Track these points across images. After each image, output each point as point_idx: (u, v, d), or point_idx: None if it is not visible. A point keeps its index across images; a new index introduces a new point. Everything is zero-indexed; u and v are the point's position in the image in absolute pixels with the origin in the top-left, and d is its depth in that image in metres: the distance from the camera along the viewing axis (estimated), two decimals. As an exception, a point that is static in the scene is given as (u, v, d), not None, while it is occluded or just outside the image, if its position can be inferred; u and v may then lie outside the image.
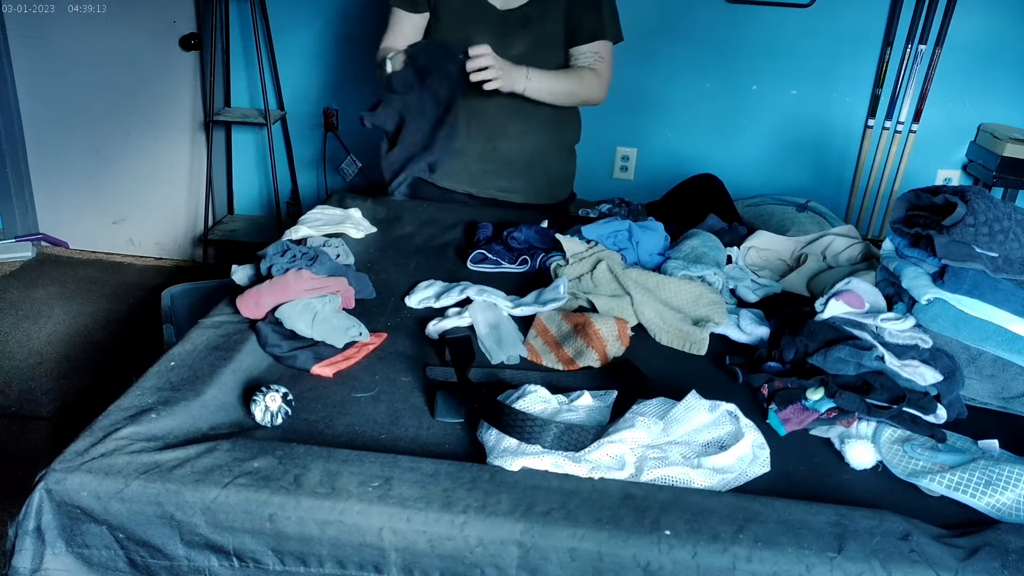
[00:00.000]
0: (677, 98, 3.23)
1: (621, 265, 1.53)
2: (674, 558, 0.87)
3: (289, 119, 3.46)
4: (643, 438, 1.01)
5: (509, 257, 1.67)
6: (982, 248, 1.25)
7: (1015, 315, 1.23)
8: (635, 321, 1.43)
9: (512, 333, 1.34)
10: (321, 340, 1.23)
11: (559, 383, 1.21)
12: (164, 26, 3.22)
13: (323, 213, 1.80)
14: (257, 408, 1.06)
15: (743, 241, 1.74)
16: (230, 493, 0.90)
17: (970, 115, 3.16)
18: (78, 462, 0.92)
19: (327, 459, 0.96)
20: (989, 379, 1.24)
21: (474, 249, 1.68)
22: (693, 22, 3.10)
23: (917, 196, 1.35)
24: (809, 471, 1.07)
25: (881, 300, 1.35)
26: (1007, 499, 0.99)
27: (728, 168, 2.93)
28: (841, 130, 3.23)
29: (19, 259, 3.45)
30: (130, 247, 3.63)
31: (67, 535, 0.92)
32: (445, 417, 1.11)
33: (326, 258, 1.43)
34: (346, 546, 0.89)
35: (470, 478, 0.94)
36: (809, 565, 0.86)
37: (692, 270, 1.51)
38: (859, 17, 3.05)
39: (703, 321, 1.42)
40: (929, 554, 0.88)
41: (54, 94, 3.36)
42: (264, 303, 1.29)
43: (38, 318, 3.00)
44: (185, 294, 2.00)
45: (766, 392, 1.20)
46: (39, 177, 3.52)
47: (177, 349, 1.18)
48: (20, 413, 2.46)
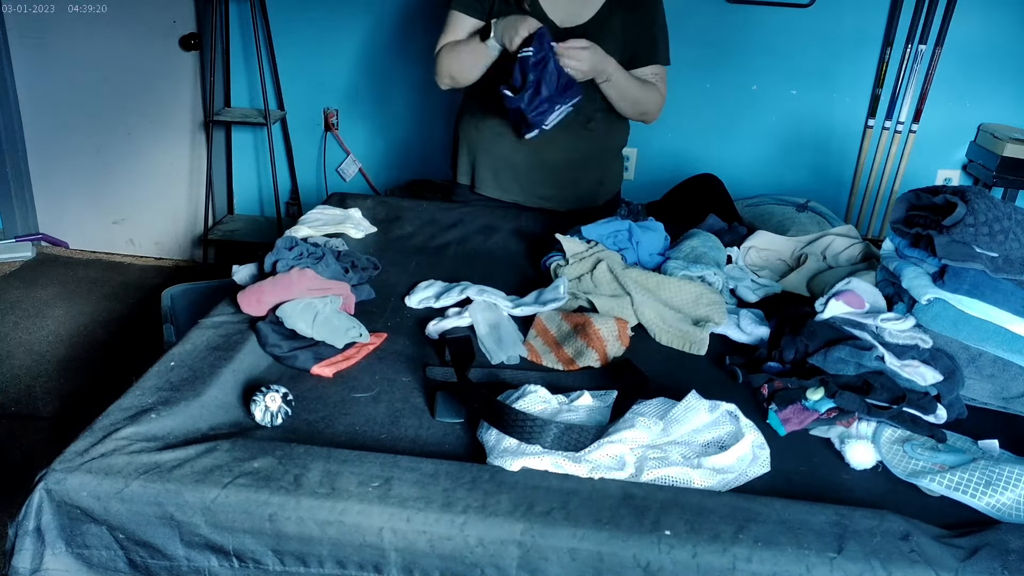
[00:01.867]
0: (677, 98, 3.21)
1: (621, 265, 1.53)
2: (674, 558, 0.86)
3: (289, 119, 3.47)
4: (643, 438, 1.01)
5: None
6: (982, 248, 1.25)
7: (1015, 315, 1.23)
8: (635, 321, 1.43)
9: (512, 333, 1.34)
10: (321, 340, 1.23)
11: (559, 383, 1.21)
12: (164, 26, 3.22)
13: (323, 213, 1.80)
14: (257, 408, 1.06)
15: (743, 241, 1.74)
16: (230, 493, 0.90)
17: (970, 115, 3.16)
18: (78, 462, 0.92)
19: (327, 459, 0.96)
20: (989, 379, 1.24)
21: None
22: (693, 22, 3.09)
23: (917, 196, 1.35)
24: (809, 471, 1.07)
25: (881, 300, 1.35)
26: (1007, 499, 0.99)
27: (728, 168, 2.93)
28: (841, 130, 3.23)
29: (19, 259, 3.45)
30: (130, 247, 3.63)
31: (67, 535, 0.91)
32: (445, 417, 1.11)
33: (331, 259, 1.43)
34: (346, 546, 0.89)
35: (470, 478, 0.94)
36: (809, 565, 0.86)
37: (692, 270, 1.51)
38: (859, 17, 3.05)
39: (703, 321, 1.42)
40: (929, 554, 0.88)
41: (54, 94, 3.36)
42: (266, 300, 1.29)
43: (38, 318, 3.00)
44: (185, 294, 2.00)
45: (766, 392, 1.20)
46: (39, 177, 3.52)
47: (177, 349, 1.18)
48: (20, 413, 2.46)
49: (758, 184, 3.09)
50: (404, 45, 3.28)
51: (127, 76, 3.32)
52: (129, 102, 3.36)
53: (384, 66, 3.33)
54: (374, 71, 3.35)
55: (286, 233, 1.65)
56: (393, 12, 3.24)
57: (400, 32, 3.26)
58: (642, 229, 1.66)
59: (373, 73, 3.36)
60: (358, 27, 3.28)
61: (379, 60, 3.33)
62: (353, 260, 1.50)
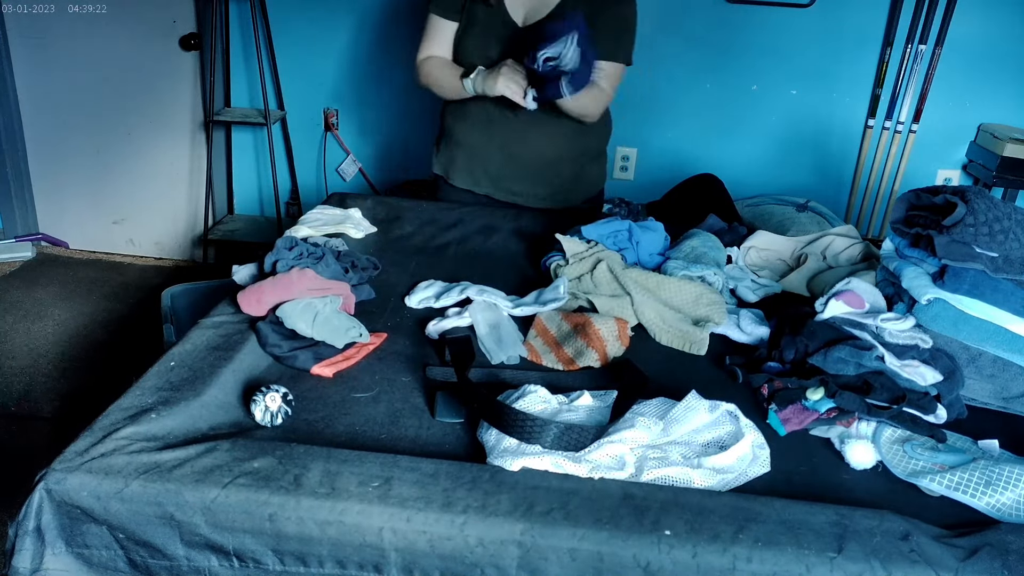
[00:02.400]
0: (677, 98, 3.23)
1: (621, 265, 1.53)
2: (674, 558, 0.86)
3: (289, 119, 3.46)
4: (643, 438, 1.01)
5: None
6: (982, 248, 1.25)
7: (1015, 315, 1.23)
8: (635, 321, 1.43)
9: (512, 333, 1.34)
10: (321, 340, 1.23)
11: (559, 383, 1.21)
12: (164, 26, 3.22)
13: (323, 213, 1.80)
14: (257, 408, 1.06)
15: (743, 241, 1.74)
16: (230, 493, 0.90)
17: (970, 115, 3.16)
18: (78, 462, 0.92)
19: (327, 459, 0.96)
20: (989, 379, 1.24)
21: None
22: (693, 22, 3.10)
23: (917, 196, 1.35)
24: (809, 471, 1.07)
25: (881, 300, 1.35)
26: (1007, 499, 0.99)
27: (728, 168, 2.93)
28: (841, 130, 3.23)
29: (19, 259, 3.45)
30: (130, 247, 3.63)
31: (67, 535, 0.92)
32: (445, 417, 1.11)
33: (331, 259, 1.43)
34: (346, 546, 0.89)
35: (470, 478, 0.94)
36: (809, 565, 0.86)
37: (692, 270, 1.51)
38: (859, 17, 3.05)
39: (703, 321, 1.42)
40: (929, 554, 0.88)
41: (54, 94, 3.36)
42: (266, 300, 1.29)
43: (38, 318, 3.00)
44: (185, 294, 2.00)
45: (766, 392, 1.20)
46: (39, 177, 3.52)
47: (177, 349, 1.18)
48: (20, 413, 2.46)
49: (758, 184, 3.09)
50: (404, 45, 3.28)
51: (127, 76, 3.31)
52: (129, 102, 3.36)
53: (384, 66, 3.33)
54: (374, 71, 3.35)
55: (286, 233, 1.65)
56: (393, 12, 3.24)
57: (400, 32, 3.26)
58: (642, 229, 1.66)
59: (373, 73, 3.36)
60: (358, 27, 3.28)
61: (379, 60, 3.33)
62: (353, 260, 1.50)
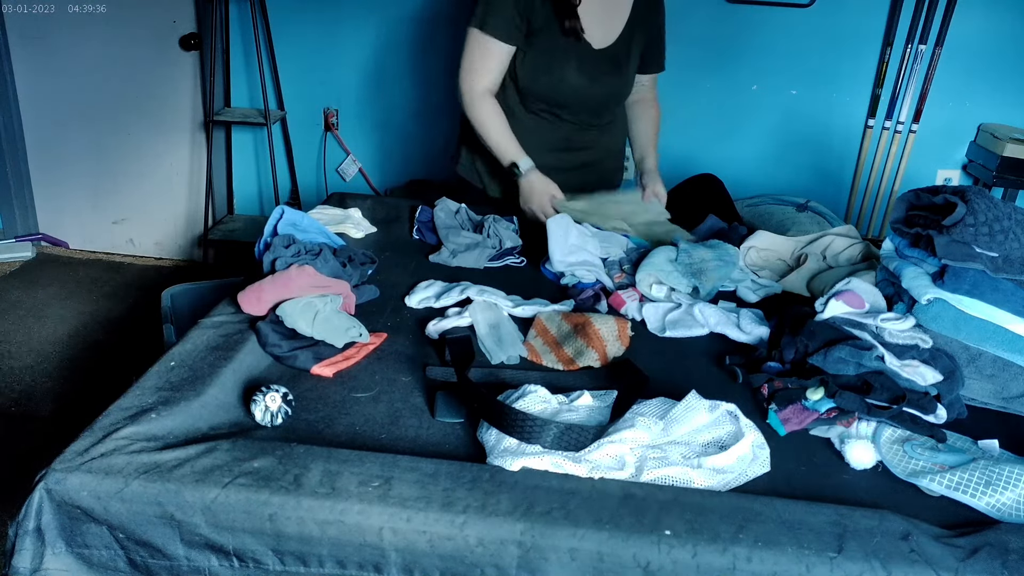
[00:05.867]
0: (677, 98, 3.22)
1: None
2: (674, 558, 0.87)
3: (289, 119, 3.46)
4: (643, 438, 1.01)
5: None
6: (982, 248, 1.25)
7: (1015, 315, 1.23)
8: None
9: (512, 333, 1.34)
10: (321, 340, 1.23)
11: (559, 383, 1.21)
12: (164, 26, 3.22)
13: (323, 213, 1.80)
14: (257, 408, 1.06)
15: (743, 241, 1.74)
16: (230, 493, 0.90)
17: (970, 115, 3.16)
18: (78, 462, 0.92)
19: (327, 459, 0.96)
20: (989, 379, 1.24)
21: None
22: (693, 22, 3.09)
23: (917, 196, 1.35)
24: (809, 471, 1.07)
25: (881, 300, 1.35)
26: (1007, 499, 0.99)
27: (728, 168, 2.93)
28: (841, 130, 3.23)
29: (19, 259, 3.45)
30: (130, 247, 3.63)
31: (67, 535, 0.92)
32: (445, 417, 1.11)
33: (329, 255, 1.43)
34: (346, 546, 0.89)
35: (470, 478, 0.94)
36: (809, 565, 0.86)
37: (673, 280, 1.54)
38: (859, 17, 3.05)
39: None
40: (929, 554, 0.88)
41: (54, 94, 3.36)
42: (266, 298, 1.29)
43: (38, 318, 3.00)
44: (185, 294, 2.00)
45: (766, 392, 1.20)
46: (39, 177, 3.52)
47: (177, 349, 1.18)
48: (20, 413, 2.46)
49: (758, 184, 3.09)
50: (404, 45, 3.28)
51: (127, 76, 3.31)
52: (129, 102, 3.36)
53: (384, 66, 3.33)
54: (374, 71, 3.35)
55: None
56: (393, 12, 3.24)
57: (400, 32, 3.26)
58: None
59: (373, 73, 3.35)
60: (358, 27, 3.28)
61: (379, 60, 3.33)
62: (350, 254, 1.50)
